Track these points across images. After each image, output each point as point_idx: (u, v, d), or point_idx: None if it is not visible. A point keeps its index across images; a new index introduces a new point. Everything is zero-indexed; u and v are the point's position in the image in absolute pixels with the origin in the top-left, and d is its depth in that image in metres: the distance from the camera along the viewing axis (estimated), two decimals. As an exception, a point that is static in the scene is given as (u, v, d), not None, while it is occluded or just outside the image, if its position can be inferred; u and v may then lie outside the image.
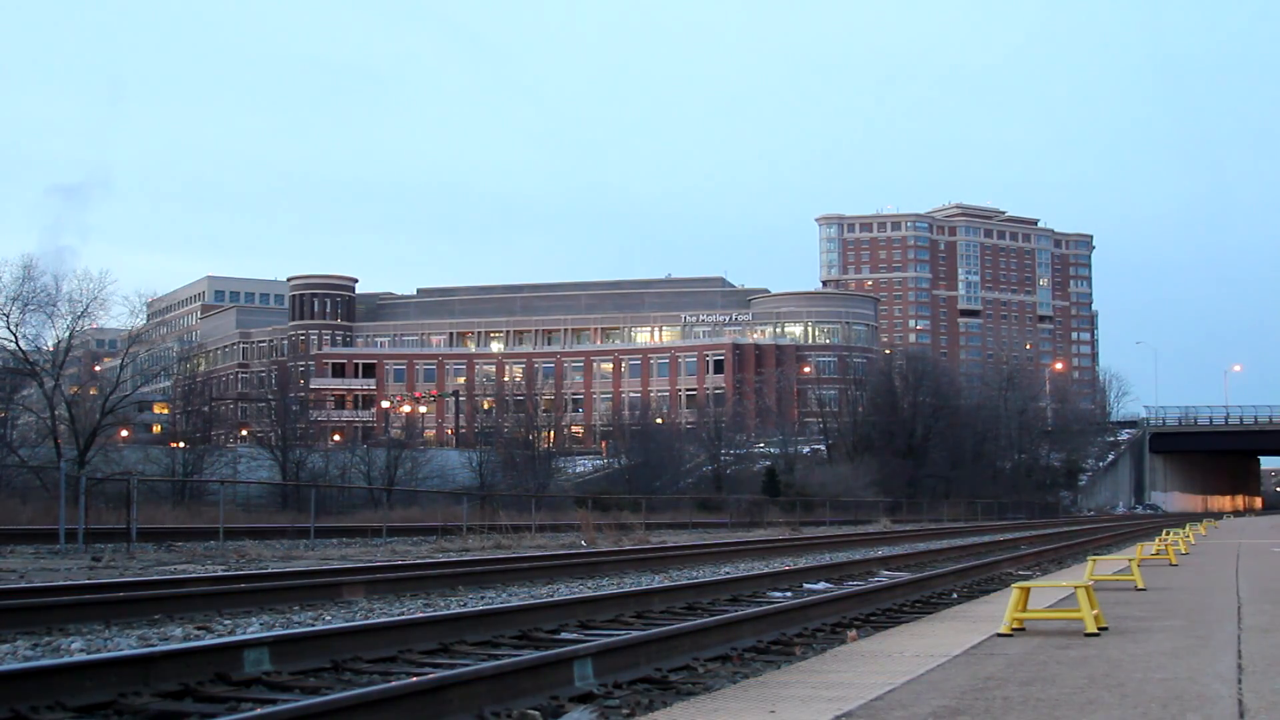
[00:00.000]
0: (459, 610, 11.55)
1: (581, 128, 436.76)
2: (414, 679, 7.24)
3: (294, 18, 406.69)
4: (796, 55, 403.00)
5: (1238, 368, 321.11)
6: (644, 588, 15.16)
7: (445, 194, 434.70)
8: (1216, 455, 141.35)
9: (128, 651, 8.50)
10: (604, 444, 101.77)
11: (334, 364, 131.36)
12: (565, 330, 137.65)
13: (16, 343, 50.41)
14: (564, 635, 10.84)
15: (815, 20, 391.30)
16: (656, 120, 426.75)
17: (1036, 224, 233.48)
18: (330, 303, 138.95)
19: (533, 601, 12.83)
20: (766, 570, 19.78)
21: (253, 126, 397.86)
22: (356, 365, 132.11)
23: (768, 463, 77.04)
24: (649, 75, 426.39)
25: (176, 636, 10.65)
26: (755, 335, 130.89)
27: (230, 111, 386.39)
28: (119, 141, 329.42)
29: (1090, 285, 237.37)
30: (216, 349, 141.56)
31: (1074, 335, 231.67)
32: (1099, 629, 9.12)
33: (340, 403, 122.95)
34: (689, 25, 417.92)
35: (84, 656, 8.48)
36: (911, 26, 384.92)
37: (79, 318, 52.33)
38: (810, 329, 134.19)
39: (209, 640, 9.52)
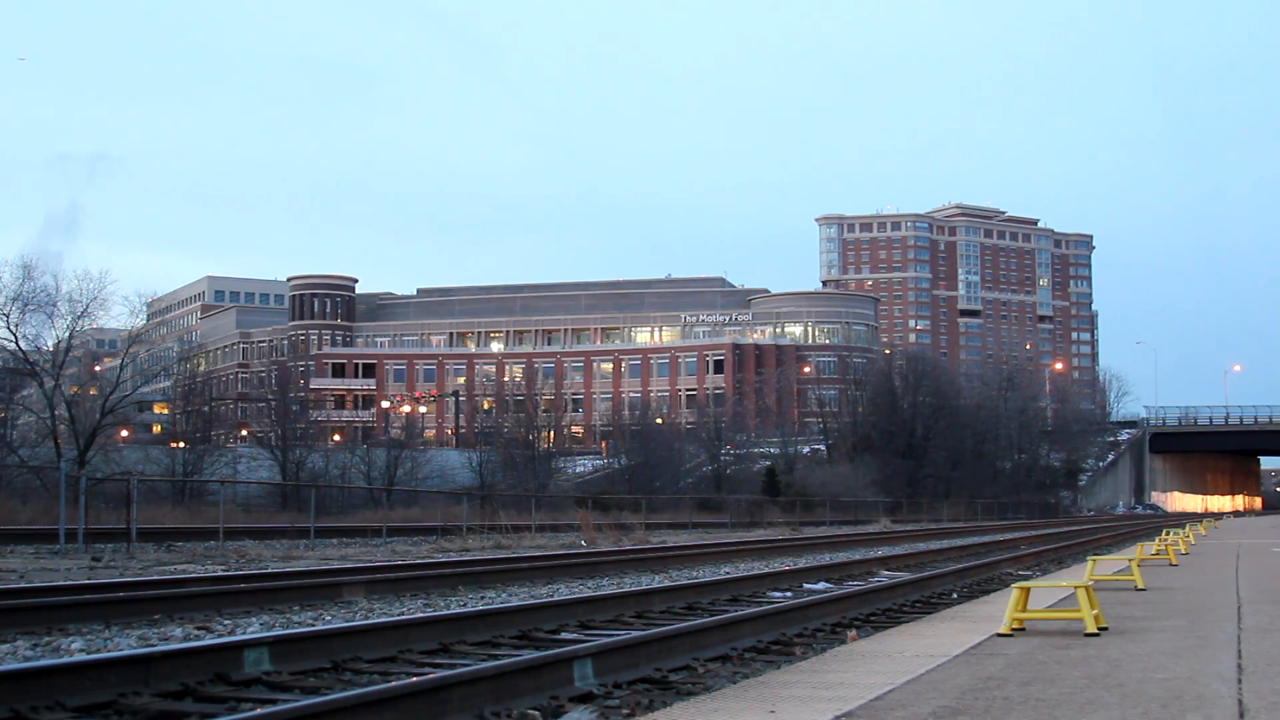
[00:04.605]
0: (459, 610, 11.55)
1: (581, 128, 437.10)
2: (414, 679, 7.24)
3: (288, 16, 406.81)
4: (797, 55, 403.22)
5: (1238, 368, 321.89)
6: (644, 588, 15.16)
7: (445, 194, 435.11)
8: (1216, 455, 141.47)
9: (128, 651, 8.50)
10: (604, 444, 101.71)
11: (334, 364, 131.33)
12: (565, 330, 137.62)
13: (16, 343, 50.39)
14: (564, 635, 10.84)
15: (815, 20, 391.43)
16: (657, 120, 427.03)
17: (1036, 224, 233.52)
18: (330, 303, 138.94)
19: (533, 601, 12.82)
20: (766, 570, 19.78)
21: (251, 126, 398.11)
22: (356, 365, 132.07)
23: (768, 463, 77.02)
24: (649, 74, 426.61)
25: (176, 636, 10.64)
26: (755, 335, 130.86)
27: (228, 111, 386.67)
28: (118, 140, 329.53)
29: (1090, 285, 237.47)
30: (216, 349, 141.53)
31: (1074, 335, 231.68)
32: (1099, 629, 9.12)
33: (340, 403, 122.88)
34: (689, 24, 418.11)
35: (84, 656, 8.47)
36: (912, 26, 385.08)
37: (79, 318, 52.30)
38: (810, 329, 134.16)
39: (209, 640, 9.52)
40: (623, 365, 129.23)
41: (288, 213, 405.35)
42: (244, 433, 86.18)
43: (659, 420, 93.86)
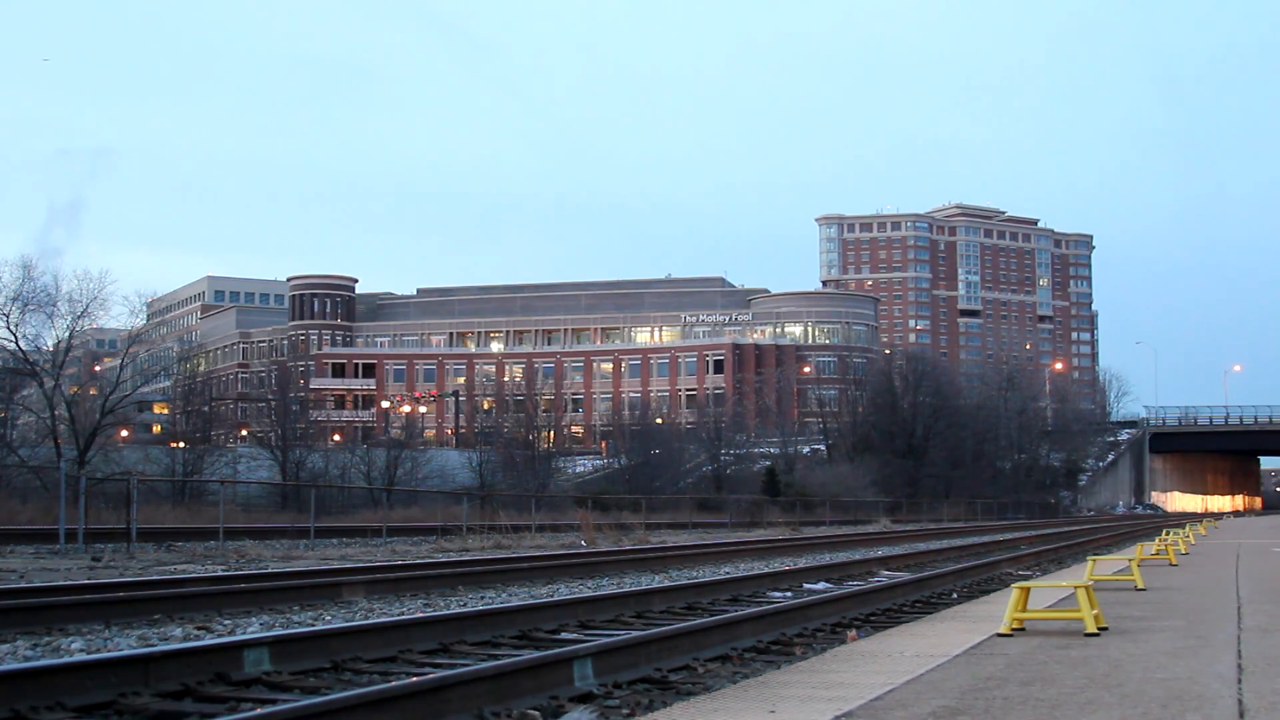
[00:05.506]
0: (459, 610, 11.55)
1: (581, 128, 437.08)
2: (414, 679, 7.24)
3: (288, 16, 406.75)
4: (797, 55, 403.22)
5: (1238, 368, 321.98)
6: (644, 588, 15.15)
7: (445, 194, 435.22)
8: (1216, 455, 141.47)
9: (128, 651, 8.50)
10: (604, 444, 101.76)
11: (334, 364, 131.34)
12: (565, 330, 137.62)
13: (16, 343, 50.38)
14: (564, 635, 10.84)
15: (814, 20, 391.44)
16: (657, 120, 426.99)
17: (1036, 224, 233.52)
18: (330, 303, 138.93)
19: (533, 601, 12.82)
20: (766, 570, 19.77)
21: (251, 126, 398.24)
22: (356, 365, 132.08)
23: (768, 463, 76.98)
24: (648, 74, 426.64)
25: (176, 636, 10.64)
26: (755, 335, 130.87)
27: (228, 111, 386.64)
28: (117, 140, 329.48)
29: (1090, 285, 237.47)
30: (216, 349, 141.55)
31: (1074, 335, 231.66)
32: (1099, 629, 9.12)
33: (340, 403, 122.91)
34: (689, 24, 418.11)
35: (84, 656, 8.47)
36: (912, 26, 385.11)
37: (79, 318, 52.28)
38: (810, 329, 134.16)
39: (209, 640, 9.52)
40: (623, 365, 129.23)
41: (288, 213, 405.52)
42: (244, 433, 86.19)
43: (659, 420, 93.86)
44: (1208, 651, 8.05)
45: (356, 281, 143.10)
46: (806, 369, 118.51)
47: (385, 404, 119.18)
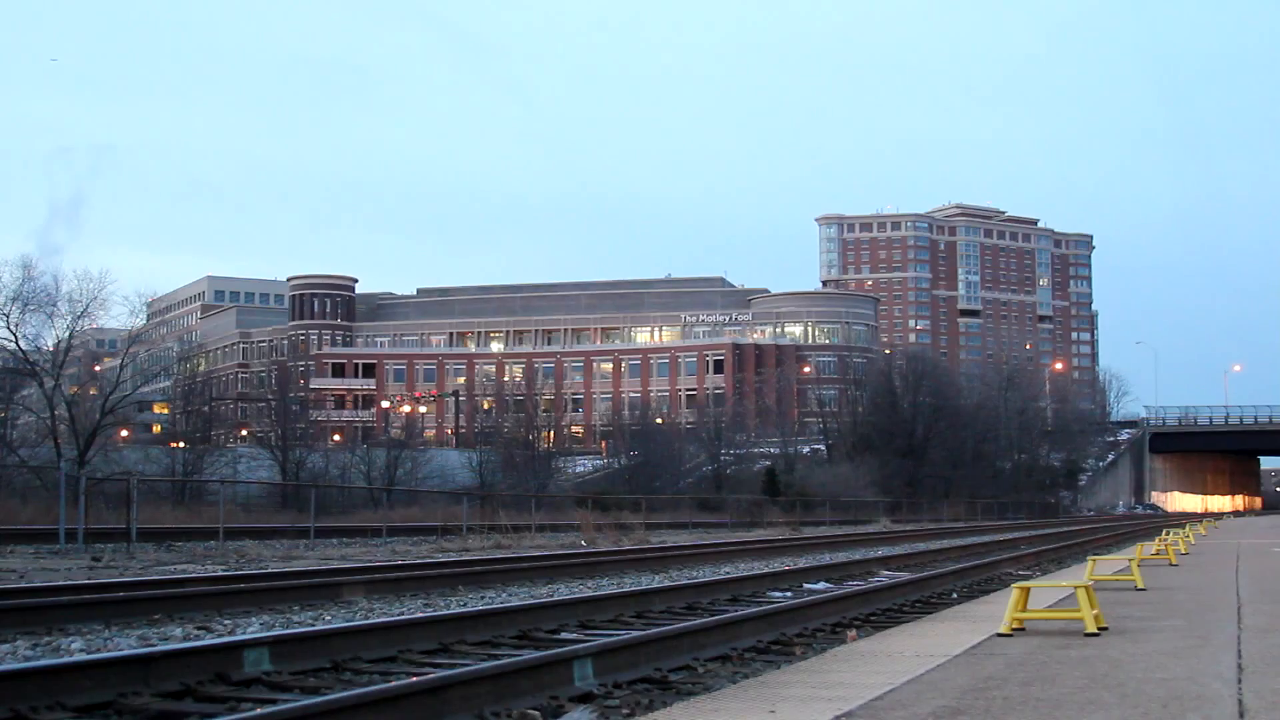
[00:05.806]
0: (459, 610, 11.55)
1: (581, 127, 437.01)
2: (414, 679, 7.24)
3: (288, 16, 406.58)
4: (797, 55, 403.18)
5: (1238, 368, 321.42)
6: (644, 588, 15.15)
7: (445, 194, 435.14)
8: (1216, 455, 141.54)
9: (128, 651, 8.50)
10: (604, 444, 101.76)
11: (334, 364, 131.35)
12: (565, 330, 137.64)
13: (16, 343, 50.46)
14: (564, 635, 10.83)
15: (815, 20, 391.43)
16: (656, 119, 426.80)
17: (1036, 224, 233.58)
18: (330, 303, 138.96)
19: (533, 601, 12.82)
20: (766, 570, 19.77)
21: (251, 126, 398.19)
22: (356, 365, 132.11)
23: (768, 463, 77.02)
24: (648, 74, 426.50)
25: (176, 636, 10.64)
26: (755, 335, 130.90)
27: (228, 111, 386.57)
28: (117, 140, 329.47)
29: (1090, 285, 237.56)
30: (216, 349, 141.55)
31: (1074, 335, 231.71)
32: (1099, 629, 9.11)
33: (340, 403, 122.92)
34: (689, 24, 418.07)
35: (84, 656, 8.47)
36: (912, 27, 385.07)
37: (79, 318, 52.36)
38: (810, 329, 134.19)
39: (209, 640, 9.52)
40: (623, 365, 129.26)
41: (288, 213, 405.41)
42: (244, 433, 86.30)
43: (659, 420, 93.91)
44: (1208, 651, 8.04)
45: (356, 281, 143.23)
46: (806, 369, 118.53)
47: (385, 404, 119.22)
